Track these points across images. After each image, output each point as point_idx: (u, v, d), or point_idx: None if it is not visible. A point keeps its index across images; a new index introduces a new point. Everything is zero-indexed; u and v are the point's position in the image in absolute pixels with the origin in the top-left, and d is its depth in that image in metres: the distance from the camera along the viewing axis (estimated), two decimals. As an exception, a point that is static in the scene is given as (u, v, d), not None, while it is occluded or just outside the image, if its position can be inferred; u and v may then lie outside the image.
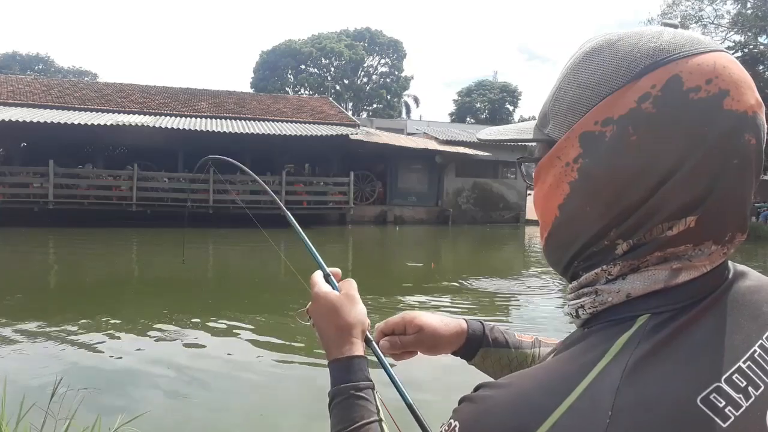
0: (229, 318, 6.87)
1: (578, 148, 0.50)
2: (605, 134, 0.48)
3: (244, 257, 13.90)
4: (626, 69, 0.48)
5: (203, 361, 5.31)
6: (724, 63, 0.48)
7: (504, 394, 0.46)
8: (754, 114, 0.48)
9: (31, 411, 2.58)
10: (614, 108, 0.48)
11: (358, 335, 0.75)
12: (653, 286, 0.49)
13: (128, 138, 19.11)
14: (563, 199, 0.52)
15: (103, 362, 5.17)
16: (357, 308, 0.77)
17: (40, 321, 6.53)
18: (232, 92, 26.72)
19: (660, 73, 0.47)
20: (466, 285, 9.45)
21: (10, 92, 20.95)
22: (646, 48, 0.48)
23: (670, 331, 0.46)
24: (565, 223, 0.53)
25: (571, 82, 0.52)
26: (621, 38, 0.51)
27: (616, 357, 0.45)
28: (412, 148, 22.44)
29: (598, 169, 0.49)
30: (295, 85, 52.90)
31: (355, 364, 0.72)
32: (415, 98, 58.93)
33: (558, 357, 0.50)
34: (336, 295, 0.78)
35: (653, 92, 0.47)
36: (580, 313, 0.53)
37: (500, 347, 0.85)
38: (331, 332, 0.76)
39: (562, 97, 0.52)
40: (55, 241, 14.99)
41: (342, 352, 0.73)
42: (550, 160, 0.53)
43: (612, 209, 0.49)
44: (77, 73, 52.07)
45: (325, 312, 0.77)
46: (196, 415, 4.11)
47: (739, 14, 23.66)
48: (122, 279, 10.27)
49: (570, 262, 0.54)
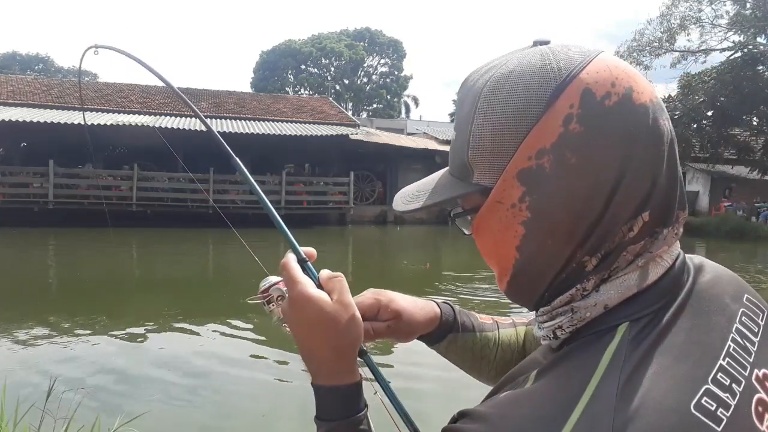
0: (229, 318, 6.86)
1: (520, 187, 0.49)
2: (543, 166, 0.47)
3: (244, 257, 13.88)
4: (536, 98, 0.47)
5: (203, 362, 5.31)
6: (614, 63, 0.49)
7: (496, 427, 0.44)
8: (656, 98, 0.49)
9: (30, 411, 2.58)
10: (543, 138, 0.47)
11: (356, 355, 0.62)
12: (627, 293, 0.49)
13: (128, 138, 19.11)
14: (520, 241, 0.50)
15: (102, 362, 5.17)
16: (356, 322, 0.61)
17: (40, 321, 6.53)
18: (232, 92, 26.71)
19: (570, 91, 0.47)
20: (467, 285, 9.45)
21: (10, 92, 20.94)
22: (543, 71, 0.48)
23: (652, 338, 0.46)
24: (528, 262, 0.51)
25: (484, 125, 0.50)
26: (512, 70, 0.50)
27: (605, 375, 0.44)
28: (412, 148, 22.45)
29: (549, 202, 0.48)
30: (295, 85, 52.89)
31: (353, 394, 0.60)
32: (414, 99, 58.95)
33: (543, 381, 0.48)
34: (330, 305, 0.60)
35: (574, 111, 0.46)
36: (558, 333, 0.51)
37: (467, 332, 0.81)
38: (324, 354, 0.60)
39: (479, 143, 0.50)
40: (55, 241, 14.99)
41: (339, 379, 0.60)
42: (491, 207, 0.51)
43: (574, 234, 0.48)
44: (77, 73, 52.03)
45: (317, 326, 0.60)
46: (196, 415, 4.11)
47: (738, 14, 23.66)
48: (122, 279, 10.27)
49: (541, 296, 0.53)
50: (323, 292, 0.62)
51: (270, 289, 0.68)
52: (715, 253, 14.25)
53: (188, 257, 13.41)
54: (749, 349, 0.50)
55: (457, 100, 0.56)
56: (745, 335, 0.51)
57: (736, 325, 0.51)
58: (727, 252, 15.57)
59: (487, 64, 0.54)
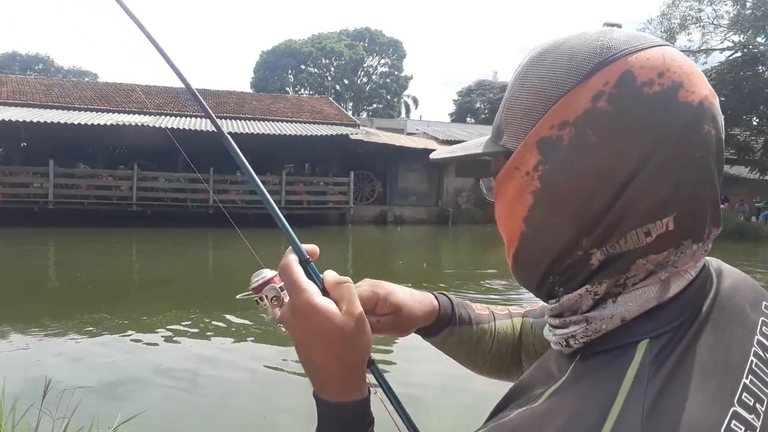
0: (229, 317, 6.86)
1: (537, 155, 0.47)
2: (563, 138, 0.46)
3: (244, 256, 13.89)
4: (576, 69, 0.46)
5: (203, 361, 5.31)
6: (673, 56, 0.46)
7: None
8: (709, 104, 0.46)
9: (29, 411, 2.57)
10: (569, 110, 0.46)
11: (365, 369, 0.59)
12: (646, 305, 0.46)
13: (128, 138, 19.11)
14: (527, 211, 0.49)
15: (101, 361, 5.17)
16: (366, 335, 0.57)
17: (39, 320, 6.53)
18: (232, 92, 26.71)
19: (611, 69, 0.45)
20: (466, 285, 9.45)
21: (10, 92, 20.94)
22: (592, 46, 0.47)
23: (675, 358, 0.44)
24: (532, 236, 0.49)
25: (522, 88, 0.49)
26: (566, 40, 0.49)
27: (629, 398, 0.42)
28: (412, 148, 22.45)
29: (560, 176, 0.46)
30: (295, 85, 52.88)
31: (361, 410, 0.57)
32: (414, 99, 58.94)
33: (564, 401, 0.45)
34: (340, 318, 0.56)
35: (607, 89, 0.45)
36: (572, 342, 0.49)
37: (464, 325, 0.78)
38: (330, 369, 0.56)
39: (513, 105, 0.50)
40: (55, 241, 14.99)
41: (346, 396, 0.56)
42: (509, 172, 0.50)
43: (579, 217, 0.46)
44: (77, 73, 52.04)
45: (325, 341, 0.56)
46: (196, 415, 4.11)
47: (738, 14, 23.67)
48: (122, 279, 10.27)
49: (543, 278, 0.51)
50: (330, 301, 0.57)
51: (264, 288, 0.62)
52: (715, 253, 14.18)
53: (188, 257, 13.42)
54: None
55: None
56: (765, 347, 0.49)
57: (757, 337, 0.49)
58: (727, 252, 15.58)
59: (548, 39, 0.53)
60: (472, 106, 56.60)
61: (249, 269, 0.66)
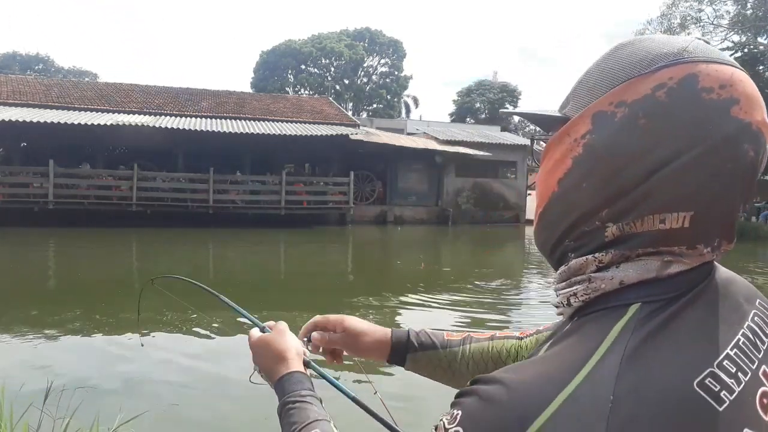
0: (230, 318, 6.86)
1: (588, 125, 0.52)
2: (616, 114, 0.50)
3: (243, 257, 13.89)
4: (649, 61, 0.51)
5: (204, 361, 5.31)
6: (741, 77, 0.50)
7: (506, 385, 0.47)
8: (758, 129, 0.49)
9: (29, 411, 2.57)
10: (630, 92, 0.50)
11: (293, 357, 0.83)
12: (645, 275, 0.50)
13: (128, 138, 19.10)
14: (563, 174, 0.54)
15: (102, 362, 5.17)
16: (286, 337, 0.86)
17: (39, 320, 6.53)
18: (232, 92, 26.70)
19: (679, 68, 0.49)
20: (468, 284, 9.45)
21: (10, 92, 20.94)
22: (671, 46, 0.51)
23: (662, 319, 0.48)
24: (561, 196, 0.54)
25: (597, 68, 0.55)
26: (652, 37, 0.54)
27: (612, 345, 0.46)
28: (412, 148, 22.43)
29: (601, 145, 0.51)
30: (295, 85, 52.87)
31: (294, 378, 0.80)
32: (414, 99, 58.92)
33: (554, 349, 0.50)
34: (266, 334, 0.88)
35: (669, 83, 0.49)
36: (572, 301, 0.54)
37: (428, 349, 0.89)
38: (269, 363, 0.83)
39: (585, 80, 0.55)
40: (55, 241, 14.99)
41: (281, 372, 0.81)
42: (561, 137, 0.55)
43: (606, 187, 0.50)
44: (77, 73, 52.03)
45: (262, 350, 0.85)
46: (197, 416, 4.10)
47: (738, 14, 23.66)
48: (122, 279, 10.27)
49: (559, 240, 0.55)
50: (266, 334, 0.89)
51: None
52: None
53: (188, 257, 13.42)
54: (759, 346, 0.51)
55: None
56: (756, 333, 0.52)
57: (748, 323, 0.52)
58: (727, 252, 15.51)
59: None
60: (471, 106, 56.58)
61: (249, 268, 0.68)
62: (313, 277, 10.84)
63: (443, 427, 0.49)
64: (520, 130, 51.82)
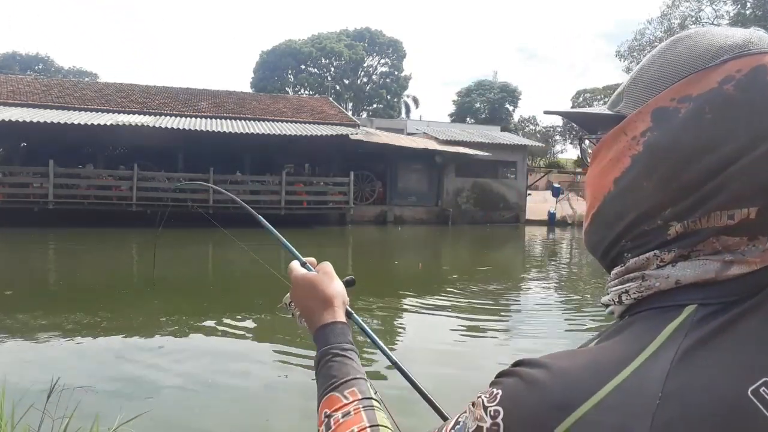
0: (230, 318, 6.86)
1: (648, 122, 0.50)
2: (680, 110, 0.48)
3: (243, 257, 13.88)
4: (713, 53, 0.49)
5: (204, 362, 5.30)
6: None
7: (550, 371, 0.46)
8: None
9: (29, 411, 2.57)
10: (694, 86, 0.48)
11: (339, 305, 0.81)
12: (704, 276, 0.48)
13: (128, 138, 19.10)
14: (621, 173, 0.52)
15: (102, 362, 5.17)
16: (335, 283, 0.83)
17: (39, 321, 6.53)
18: (232, 92, 26.70)
19: (747, 60, 0.48)
20: (467, 286, 9.44)
21: (10, 92, 20.93)
22: (736, 38, 0.49)
23: (720, 323, 0.46)
24: (618, 196, 0.52)
25: (654, 62, 0.52)
26: (712, 29, 0.52)
27: (665, 343, 0.45)
28: (412, 148, 22.42)
29: (665, 143, 0.49)
30: (295, 85, 52.88)
31: (338, 329, 0.77)
32: (414, 99, 58.94)
33: (604, 343, 0.49)
34: (314, 274, 0.85)
35: (737, 76, 0.47)
36: (624, 298, 0.52)
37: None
38: (313, 306, 0.81)
39: (641, 76, 0.53)
40: (55, 241, 14.98)
41: (325, 320, 0.78)
42: (615, 135, 0.53)
43: (670, 185, 0.48)
44: (77, 73, 52.03)
45: (306, 290, 0.82)
46: (197, 416, 4.10)
47: (738, 14, 23.68)
48: (121, 279, 10.26)
49: (615, 241, 0.53)
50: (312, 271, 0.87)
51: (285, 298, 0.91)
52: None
53: (188, 257, 13.42)
54: None
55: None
56: None
57: None
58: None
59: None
60: (471, 106, 56.58)
61: (249, 269, 0.69)
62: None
63: (482, 404, 0.48)
64: (519, 131, 51.81)
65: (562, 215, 24.70)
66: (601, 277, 10.05)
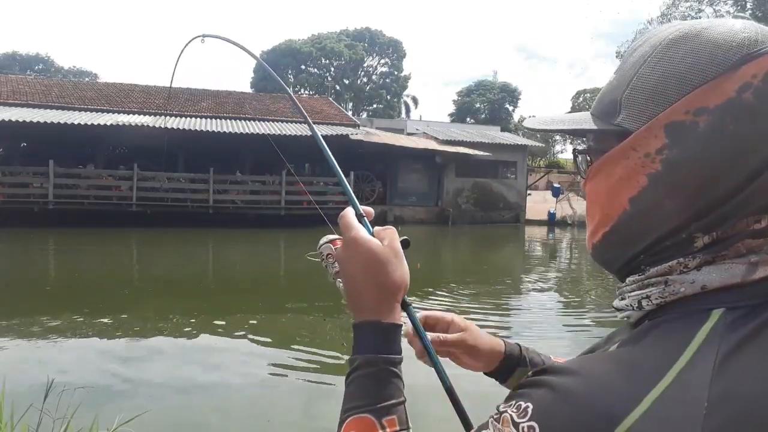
0: (230, 318, 6.86)
1: (663, 139, 0.47)
2: (698, 124, 0.46)
3: (244, 258, 13.88)
4: (721, 59, 0.46)
5: (204, 362, 5.30)
6: None
7: (583, 378, 0.44)
8: None
9: (29, 411, 2.57)
10: (709, 98, 0.46)
11: (400, 299, 0.65)
12: (730, 280, 0.46)
13: (128, 138, 19.09)
14: (637, 192, 0.49)
15: (102, 362, 5.16)
16: (403, 266, 0.65)
17: (39, 321, 6.53)
18: (232, 92, 26.68)
19: (759, 63, 0.46)
20: (467, 286, 9.44)
21: (10, 92, 20.92)
22: (739, 38, 0.47)
23: (753, 326, 0.44)
24: (636, 216, 0.50)
25: (654, 70, 0.49)
26: (707, 27, 0.49)
27: (701, 349, 0.43)
28: (412, 148, 22.42)
29: (687, 160, 0.46)
30: (295, 85, 52.86)
31: (393, 333, 0.62)
32: (414, 99, 58.94)
33: (628, 348, 0.47)
34: (380, 246, 0.64)
35: (754, 82, 0.45)
36: (644, 304, 0.50)
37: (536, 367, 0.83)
38: (370, 289, 0.63)
39: (641, 85, 0.50)
40: (55, 241, 14.98)
41: (381, 315, 0.62)
42: (624, 152, 0.50)
43: (695, 202, 0.47)
44: (77, 73, 52.03)
45: (365, 264, 0.63)
46: (196, 416, 4.10)
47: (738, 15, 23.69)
48: (122, 279, 10.26)
49: (633, 257, 0.52)
50: (375, 238, 0.65)
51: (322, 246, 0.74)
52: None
53: (188, 257, 13.41)
54: None
55: (627, 51, 0.55)
56: None
57: None
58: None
59: (681, 21, 0.53)
60: (471, 106, 56.61)
61: (249, 269, 0.68)
62: (313, 278, 10.84)
63: (510, 420, 0.45)
64: (519, 131, 51.81)
65: (562, 215, 24.68)
66: (601, 276, 10.05)
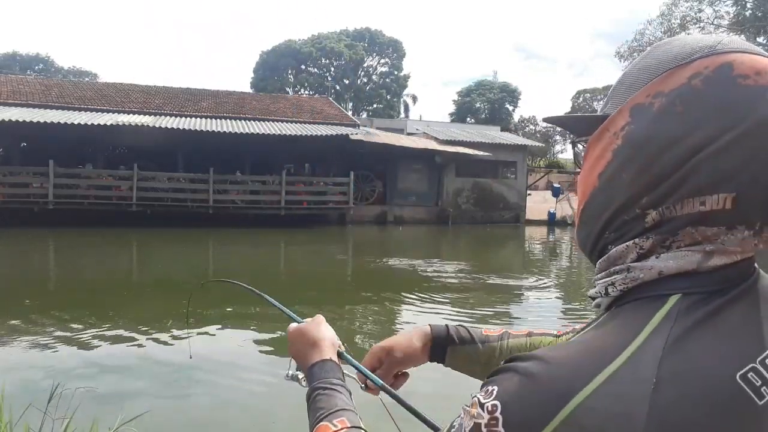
0: (231, 319, 6.86)
1: (627, 118, 0.53)
2: (653, 105, 0.52)
3: (245, 258, 13.89)
4: (683, 55, 0.52)
5: (205, 362, 5.29)
6: None
7: (545, 362, 0.48)
8: None
9: (29, 411, 2.57)
10: (666, 83, 0.52)
11: (327, 346, 0.83)
12: (686, 266, 0.50)
13: (128, 138, 19.09)
14: (604, 167, 0.55)
15: (102, 362, 5.16)
16: (323, 327, 0.87)
17: (39, 321, 6.53)
18: (232, 92, 26.69)
19: (714, 58, 0.51)
20: (466, 285, 9.44)
21: (10, 92, 20.92)
22: (707, 41, 0.53)
23: (706, 311, 0.48)
24: (601, 190, 0.55)
25: (633, 67, 0.56)
26: (687, 36, 0.56)
27: (655, 331, 0.47)
28: (412, 148, 22.42)
29: (639, 135, 0.52)
30: (295, 85, 52.88)
31: (326, 366, 0.80)
32: (413, 97, 58.94)
33: (592, 332, 0.52)
34: (302, 324, 0.88)
35: (705, 72, 0.50)
36: (610, 290, 0.54)
37: (466, 344, 0.89)
38: (303, 349, 0.84)
39: (624, 80, 0.57)
40: (55, 241, 14.98)
41: (314, 359, 0.81)
42: (600, 134, 0.56)
43: (645, 174, 0.51)
44: (77, 73, 52.03)
45: (297, 338, 0.86)
46: (197, 416, 4.09)
47: (738, 15, 23.67)
48: (122, 279, 10.27)
49: (600, 233, 0.56)
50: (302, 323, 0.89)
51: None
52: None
53: (188, 257, 13.41)
54: None
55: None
56: None
57: None
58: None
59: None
60: (471, 106, 56.58)
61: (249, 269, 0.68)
62: (313, 278, 10.84)
63: (478, 402, 0.48)
64: (519, 131, 51.80)
65: (562, 215, 24.68)
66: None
